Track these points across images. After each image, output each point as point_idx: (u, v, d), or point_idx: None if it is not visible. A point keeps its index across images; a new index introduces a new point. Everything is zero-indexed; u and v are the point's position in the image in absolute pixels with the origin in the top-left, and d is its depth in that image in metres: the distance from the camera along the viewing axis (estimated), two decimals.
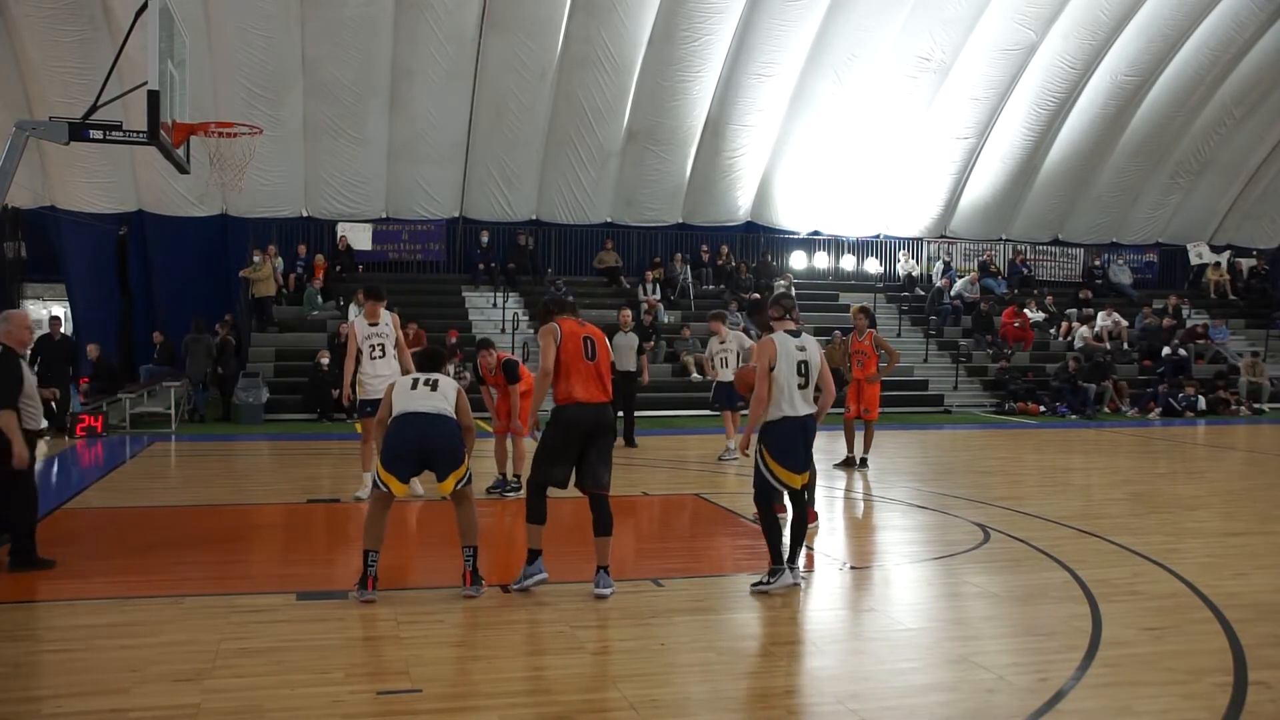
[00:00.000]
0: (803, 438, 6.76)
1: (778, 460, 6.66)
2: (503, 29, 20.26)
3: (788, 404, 6.67)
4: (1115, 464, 14.19)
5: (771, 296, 7.39)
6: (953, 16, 22.01)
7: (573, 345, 6.62)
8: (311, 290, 20.26)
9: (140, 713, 4.55)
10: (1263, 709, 4.73)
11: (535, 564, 6.57)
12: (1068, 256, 26.58)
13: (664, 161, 22.98)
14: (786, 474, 6.69)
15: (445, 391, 6.69)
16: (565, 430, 6.56)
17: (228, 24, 18.90)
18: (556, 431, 6.59)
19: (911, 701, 4.83)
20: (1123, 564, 7.51)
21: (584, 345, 6.65)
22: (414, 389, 6.68)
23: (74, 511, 9.41)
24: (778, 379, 6.66)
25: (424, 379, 6.75)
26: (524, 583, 6.55)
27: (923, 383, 21.18)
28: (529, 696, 4.83)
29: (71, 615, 6.04)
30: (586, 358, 6.63)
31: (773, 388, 6.66)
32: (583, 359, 6.61)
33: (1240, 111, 25.31)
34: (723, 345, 13.51)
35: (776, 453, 6.67)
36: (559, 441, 6.57)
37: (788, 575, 6.65)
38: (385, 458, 6.55)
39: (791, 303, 7.12)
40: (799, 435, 6.72)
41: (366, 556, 6.36)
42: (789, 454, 6.69)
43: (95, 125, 8.59)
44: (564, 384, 6.56)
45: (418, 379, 6.78)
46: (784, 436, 6.67)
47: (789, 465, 6.69)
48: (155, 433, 15.79)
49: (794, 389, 6.69)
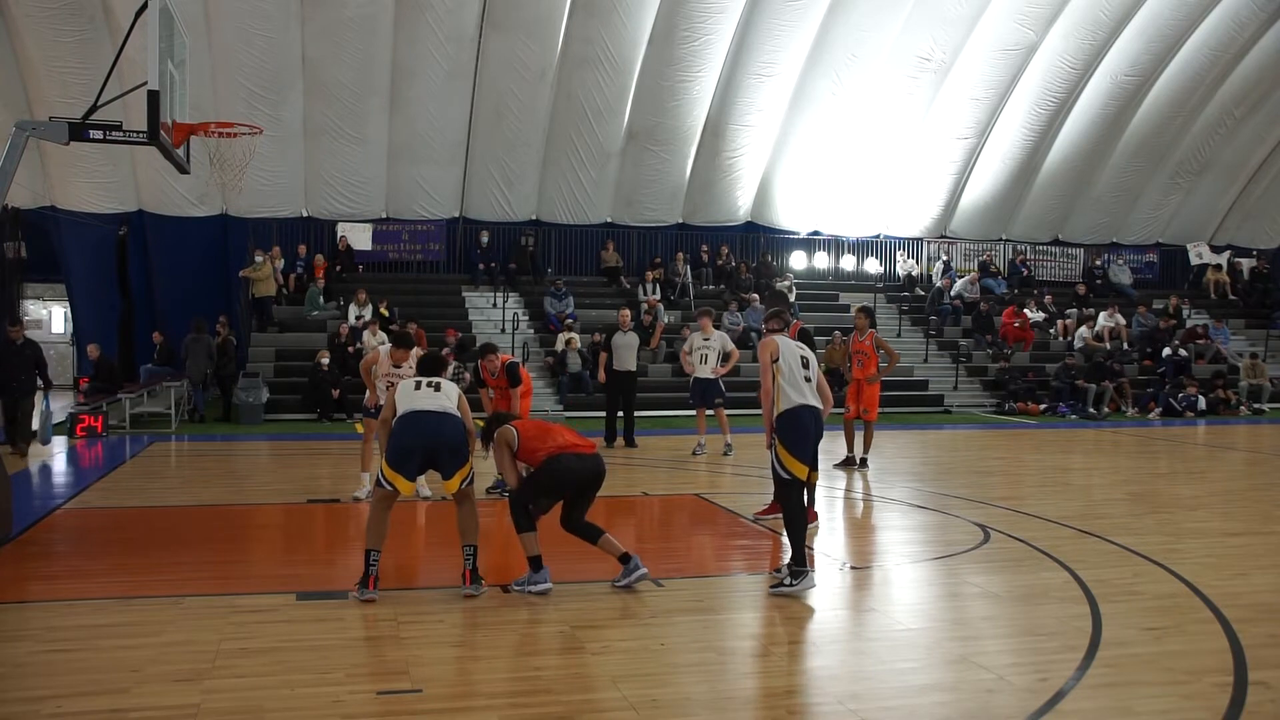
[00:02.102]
0: (815, 429, 6.90)
1: (790, 450, 6.77)
2: (503, 29, 20.26)
3: (797, 393, 6.81)
4: (1115, 464, 14.19)
5: (770, 311, 7.54)
6: (953, 16, 22.02)
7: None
8: (315, 290, 20.26)
9: (140, 713, 4.55)
10: (1263, 709, 4.73)
11: (541, 571, 6.55)
12: (1068, 256, 26.59)
13: (664, 161, 22.98)
14: (796, 465, 6.77)
15: (448, 393, 6.77)
16: (563, 476, 6.57)
17: (228, 24, 18.91)
18: (554, 476, 6.55)
19: (911, 701, 4.83)
20: (1123, 564, 7.51)
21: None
22: (418, 390, 6.73)
23: (74, 511, 9.41)
24: (784, 369, 6.82)
25: (427, 381, 6.81)
26: (529, 588, 6.54)
27: (923, 383, 21.18)
28: (529, 696, 4.83)
29: (71, 615, 6.04)
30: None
31: (779, 378, 6.83)
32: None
33: (1240, 111, 25.32)
34: (705, 341, 13.68)
35: (790, 442, 6.78)
36: (554, 483, 6.58)
37: (811, 577, 6.64)
38: (392, 456, 6.58)
39: (790, 317, 7.29)
40: (812, 425, 6.86)
41: (368, 556, 6.37)
42: (802, 444, 6.81)
43: (95, 125, 8.58)
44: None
45: (421, 381, 6.83)
46: (799, 425, 6.79)
47: (800, 456, 6.79)
48: (155, 433, 15.79)
49: (801, 380, 6.85)
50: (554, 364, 19.60)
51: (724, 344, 13.86)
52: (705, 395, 13.69)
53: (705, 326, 13.81)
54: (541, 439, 6.65)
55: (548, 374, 19.64)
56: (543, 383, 19.45)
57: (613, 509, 9.72)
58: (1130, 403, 21.05)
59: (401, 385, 6.86)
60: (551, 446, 6.59)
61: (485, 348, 10.53)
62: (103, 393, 16.63)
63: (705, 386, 13.71)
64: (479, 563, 6.57)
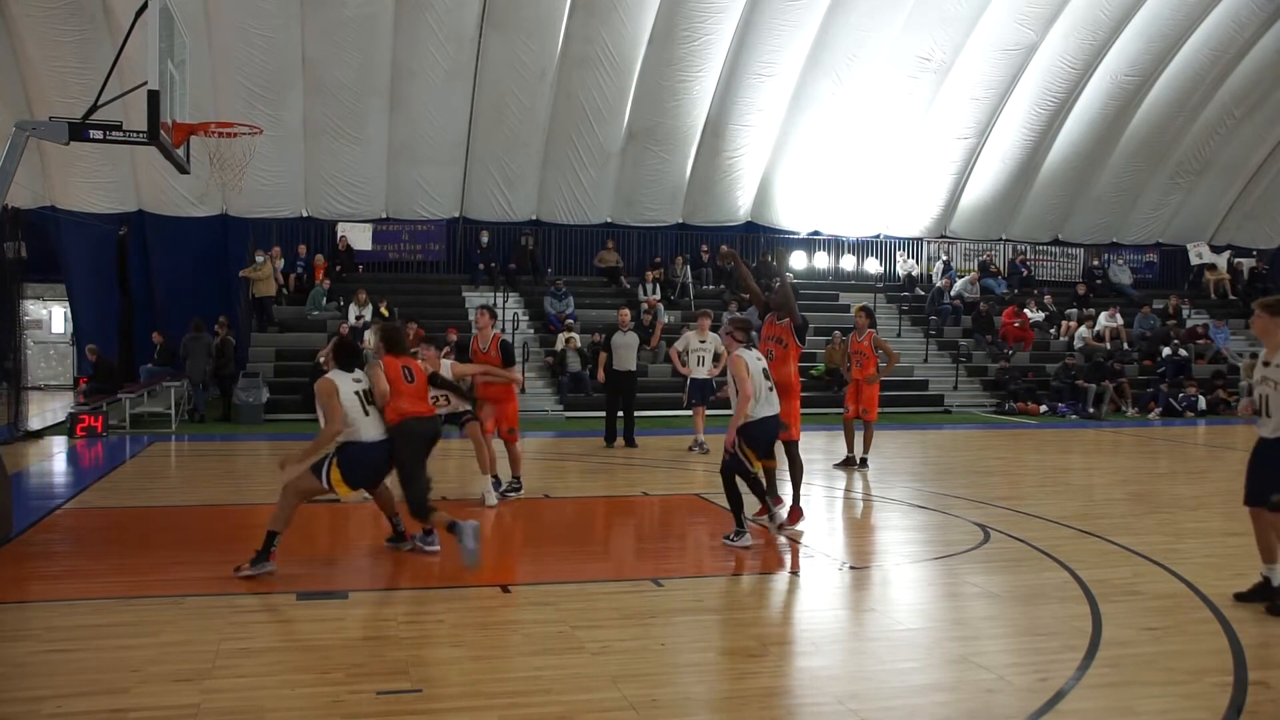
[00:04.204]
0: (774, 432, 8.08)
1: (754, 450, 7.87)
2: (503, 29, 20.26)
3: (767, 405, 7.88)
4: (1115, 464, 14.19)
5: (736, 319, 8.48)
6: (953, 16, 22.01)
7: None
8: (319, 290, 20.26)
9: (140, 713, 4.55)
10: (1263, 709, 4.73)
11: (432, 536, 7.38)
12: (1068, 256, 26.58)
13: (664, 161, 22.98)
14: (757, 463, 7.98)
15: (370, 390, 7.10)
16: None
17: (228, 24, 18.91)
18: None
19: (911, 701, 4.83)
20: (1123, 564, 7.51)
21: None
22: (366, 415, 6.98)
23: (74, 511, 9.41)
24: (754, 385, 7.76)
25: (362, 390, 7.02)
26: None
27: (923, 383, 21.18)
28: (529, 696, 4.82)
29: (71, 615, 6.04)
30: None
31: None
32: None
33: (1240, 112, 25.30)
34: (701, 344, 13.86)
35: (755, 445, 7.85)
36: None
37: (748, 537, 7.87)
38: (352, 475, 6.95)
39: (752, 331, 8.31)
40: (773, 431, 8.05)
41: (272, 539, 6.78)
42: (764, 446, 8.02)
43: (95, 125, 8.57)
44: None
45: (358, 391, 7.00)
46: (764, 433, 7.92)
47: (761, 455, 8.03)
48: (155, 433, 15.78)
49: (765, 391, 7.89)
50: (554, 364, 19.60)
51: (719, 345, 13.95)
52: (703, 395, 13.91)
53: (703, 328, 13.98)
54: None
55: (548, 374, 19.64)
56: (542, 383, 19.46)
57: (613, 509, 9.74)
58: (1130, 403, 21.05)
59: (347, 400, 6.92)
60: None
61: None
62: (102, 393, 16.63)
63: (702, 386, 13.94)
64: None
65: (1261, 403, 6.38)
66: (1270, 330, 6.38)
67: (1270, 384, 6.30)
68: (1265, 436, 6.40)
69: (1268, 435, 6.37)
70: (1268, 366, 6.38)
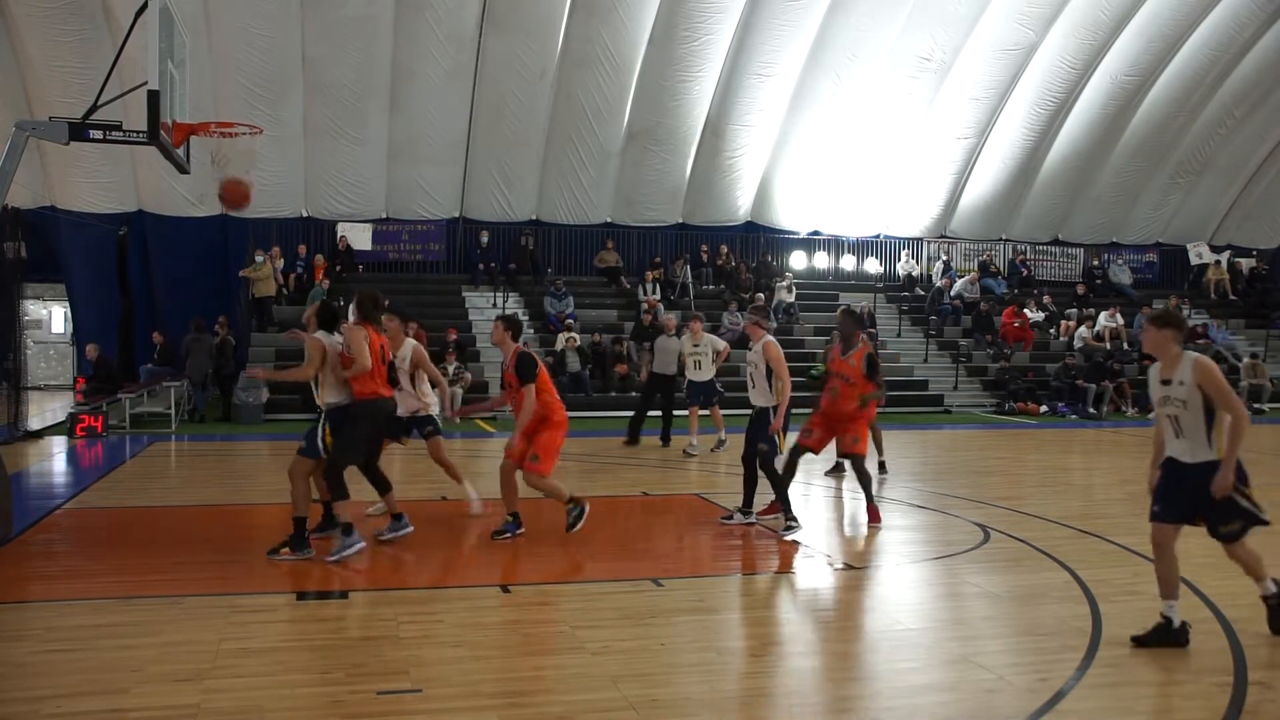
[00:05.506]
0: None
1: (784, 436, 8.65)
2: (503, 29, 20.25)
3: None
4: (1115, 464, 14.19)
5: (756, 307, 8.91)
6: (953, 16, 22.00)
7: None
8: (318, 290, 20.23)
9: (140, 713, 4.55)
10: (1263, 709, 4.73)
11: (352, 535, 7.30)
12: (1068, 256, 26.57)
13: (664, 161, 22.97)
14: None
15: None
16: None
17: (228, 24, 18.90)
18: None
19: (911, 701, 4.83)
20: (1123, 564, 7.51)
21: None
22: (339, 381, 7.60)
23: (74, 511, 9.41)
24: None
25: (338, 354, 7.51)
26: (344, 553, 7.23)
27: (923, 382, 21.17)
28: (529, 696, 4.83)
29: (71, 615, 6.04)
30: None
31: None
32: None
33: (1240, 111, 25.29)
34: (696, 349, 13.79)
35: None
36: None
37: (799, 530, 8.31)
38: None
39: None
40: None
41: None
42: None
43: (95, 125, 8.57)
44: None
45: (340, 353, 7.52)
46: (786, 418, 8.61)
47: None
48: (155, 433, 15.78)
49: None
50: (554, 364, 19.59)
51: (713, 345, 13.97)
52: (701, 395, 13.84)
53: (696, 332, 13.88)
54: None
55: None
56: None
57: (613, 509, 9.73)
58: (1130, 403, 21.03)
59: (331, 361, 7.52)
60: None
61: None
62: (102, 393, 16.63)
63: (700, 387, 13.86)
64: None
65: (1171, 424, 5.57)
66: (1161, 345, 5.62)
67: (1176, 404, 5.51)
68: (1185, 461, 5.55)
69: (1188, 460, 5.54)
70: (1167, 385, 5.57)
